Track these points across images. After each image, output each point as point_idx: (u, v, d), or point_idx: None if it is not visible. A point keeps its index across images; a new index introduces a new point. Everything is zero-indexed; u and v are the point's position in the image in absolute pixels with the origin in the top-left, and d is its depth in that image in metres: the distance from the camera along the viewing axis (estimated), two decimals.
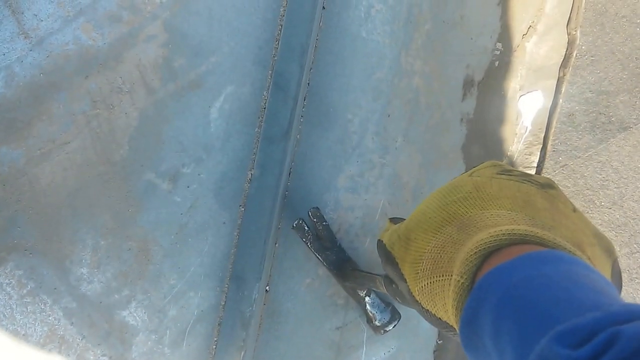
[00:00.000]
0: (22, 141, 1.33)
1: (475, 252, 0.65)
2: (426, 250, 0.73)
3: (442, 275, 0.70)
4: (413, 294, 0.74)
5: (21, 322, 1.40)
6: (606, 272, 0.71)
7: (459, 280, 0.65)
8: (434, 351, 1.70)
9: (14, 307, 1.38)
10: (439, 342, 1.68)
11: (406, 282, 0.75)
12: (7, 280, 1.37)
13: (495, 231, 0.65)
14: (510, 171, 0.80)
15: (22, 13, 1.30)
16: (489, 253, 0.65)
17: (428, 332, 1.71)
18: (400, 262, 0.77)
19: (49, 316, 1.42)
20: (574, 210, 0.75)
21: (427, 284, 0.72)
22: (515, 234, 0.64)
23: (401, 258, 0.77)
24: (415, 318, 1.71)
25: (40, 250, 1.39)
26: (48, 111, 1.34)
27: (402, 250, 0.77)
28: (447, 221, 0.74)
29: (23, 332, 1.38)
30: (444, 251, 0.71)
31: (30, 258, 1.38)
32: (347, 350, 1.67)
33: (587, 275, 0.56)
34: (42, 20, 1.31)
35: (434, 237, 0.73)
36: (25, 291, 1.39)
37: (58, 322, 1.42)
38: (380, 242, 0.85)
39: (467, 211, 0.74)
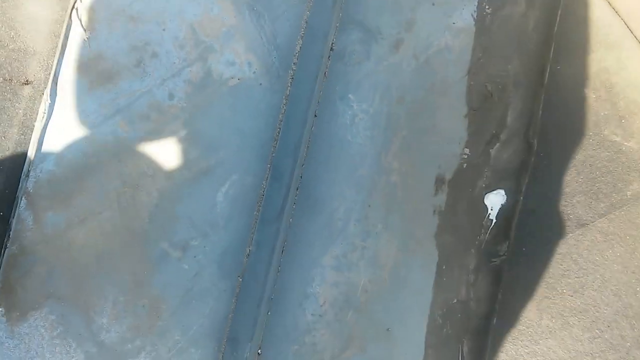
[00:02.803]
0: (65, 209, 1.82)
1: None
2: None
3: None
4: None
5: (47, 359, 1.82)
6: None
7: None
8: None
9: (45, 346, 1.81)
10: None
11: None
12: (42, 323, 1.81)
13: None
14: None
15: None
16: None
17: None
18: None
19: (73, 358, 1.83)
20: None
21: None
22: None
23: None
24: None
25: (70, 300, 1.83)
26: (87, 187, 1.83)
27: None
28: None
29: None
30: None
31: (62, 306, 1.82)
32: None
33: None
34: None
35: None
36: (55, 333, 1.82)
37: None
38: None
39: None
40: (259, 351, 1.99)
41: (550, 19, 2.13)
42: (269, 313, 1.99)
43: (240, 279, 1.98)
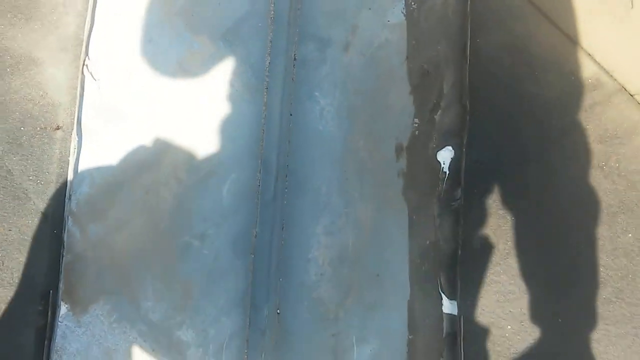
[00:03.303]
0: (103, 221, 2.29)
1: None
2: None
3: None
4: None
5: (111, 340, 2.28)
6: None
7: None
8: (407, 344, 2.45)
9: (106, 330, 2.27)
10: (410, 336, 2.44)
11: None
12: (100, 312, 2.27)
13: None
14: None
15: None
16: None
17: (399, 331, 2.47)
18: None
19: (129, 336, 2.29)
20: None
21: None
22: None
23: None
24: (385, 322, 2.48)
25: (120, 291, 2.30)
26: (117, 201, 2.31)
27: None
28: None
29: (114, 348, 2.26)
30: None
31: (114, 296, 2.29)
32: (341, 351, 2.44)
33: None
34: None
35: None
36: (112, 319, 2.28)
37: (135, 340, 2.29)
38: None
39: None
40: (278, 311, 2.44)
41: (464, 3, 2.60)
42: (280, 280, 2.44)
43: (252, 256, 2.43)
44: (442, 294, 2.49)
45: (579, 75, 2.57)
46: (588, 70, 2.58)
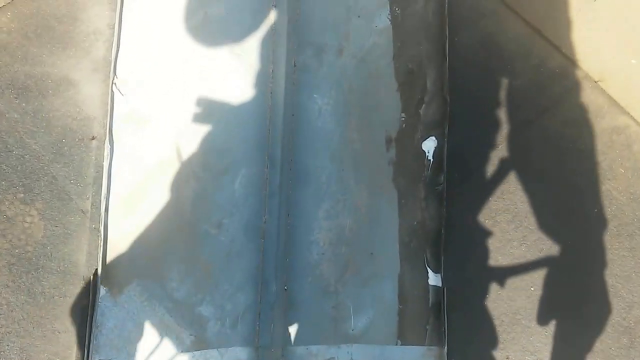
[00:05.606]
0: (134, 214, 2.72)
1: None
2: None
3: None
4: None
5: (143, 317, 2.68)
6: None
7: None
8: (398, 314, 2.80)
9: (139, 308, 2.69)
10: (400, 306, 2.79)
11: None
12: (133, 293, 2.70)
13: None
14: None
15: None
16: None
17: (390, 302, 2.83)
18: None
19: (158, 312, 2.71)
20: None
21: None
22: None
23: None
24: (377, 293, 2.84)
25: (149, 274, 2.70)
26: (146, 197, 2.73)
27: None
28: None
29: (144, 322, 2.71)
30: None
31: (144, 280, 2.70)
32: (341, 320, 2.82)
33: None
34: None
35: None
36: (143, 298, 2.70)
37: (163, 316, 2.70)
38: None
39: None
40: (285, 287, 2.83)
41: (442, 6, 2.90)
42: (287, 259, 2.83)
43: (263, 240, 2.82)
44: (428, 268, 2.82)
45: (547, 65, 2.83)
46: (555, 60, 2.82)
